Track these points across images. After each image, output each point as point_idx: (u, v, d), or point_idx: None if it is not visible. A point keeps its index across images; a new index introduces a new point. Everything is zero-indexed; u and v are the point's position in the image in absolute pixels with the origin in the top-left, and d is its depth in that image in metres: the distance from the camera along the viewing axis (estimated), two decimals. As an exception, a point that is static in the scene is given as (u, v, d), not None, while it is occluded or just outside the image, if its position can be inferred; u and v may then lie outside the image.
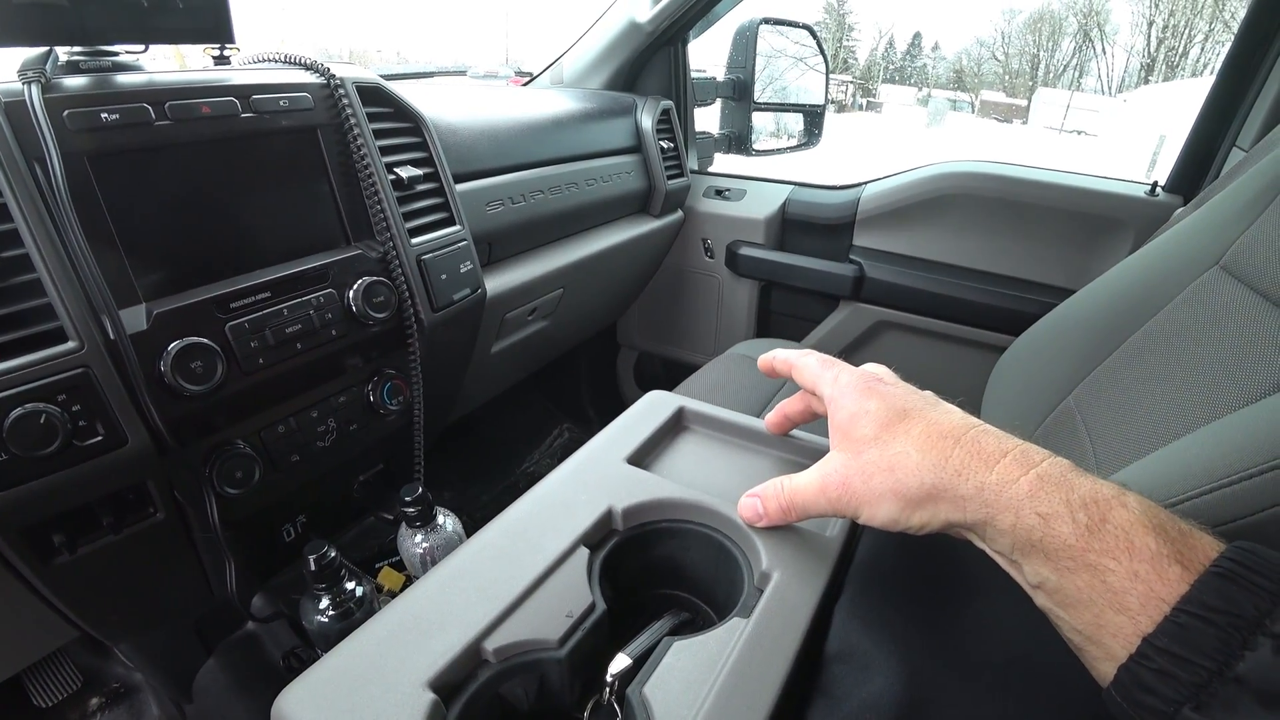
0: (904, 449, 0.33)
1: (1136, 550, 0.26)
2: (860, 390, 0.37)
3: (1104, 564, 0.26)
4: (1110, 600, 0.26)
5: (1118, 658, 0.26)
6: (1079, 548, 0.27)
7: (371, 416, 0.75)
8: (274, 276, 0.62)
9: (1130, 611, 0.26)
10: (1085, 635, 0.27)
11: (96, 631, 0.64)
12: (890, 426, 0.34)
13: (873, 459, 0.34)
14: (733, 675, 0.33)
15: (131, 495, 0.58)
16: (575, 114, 1.13)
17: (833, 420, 0.37)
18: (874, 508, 0.33)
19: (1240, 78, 1.02)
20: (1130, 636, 0.25)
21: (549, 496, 0.45)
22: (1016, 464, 0.30)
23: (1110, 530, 0.27)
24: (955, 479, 0.31)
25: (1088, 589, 0.27)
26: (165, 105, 0.56)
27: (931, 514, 0.32)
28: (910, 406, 0.35)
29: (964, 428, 0.33)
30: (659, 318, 1.60)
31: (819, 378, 0.40)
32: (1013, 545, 0.29)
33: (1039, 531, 0.28)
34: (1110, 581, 0.26)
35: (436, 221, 0.78)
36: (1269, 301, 0.62)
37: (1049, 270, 1.18)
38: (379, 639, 0.36)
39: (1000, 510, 0.29)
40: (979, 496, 0.30)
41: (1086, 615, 0.27)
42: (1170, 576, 0.25)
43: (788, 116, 1.66)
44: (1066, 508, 0.28)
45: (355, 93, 0.70)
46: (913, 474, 0.32)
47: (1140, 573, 0.26)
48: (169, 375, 0.54)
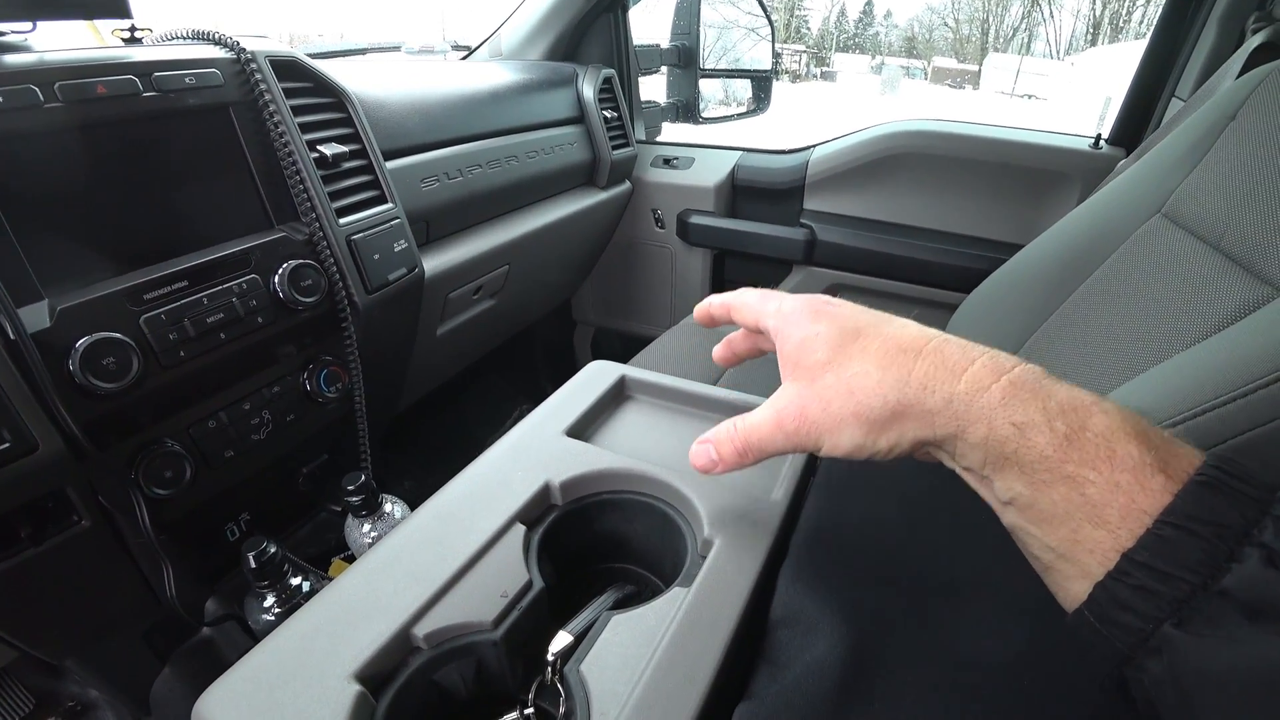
0: (862, 368, 0.30)
1: (1118, 459, 0.24)
2: (807, 315, 0.34)
3: (1083, 475, 0.24)
4: (1088, 513, 0.24)
5: (1093, 575, 0.24)
6: (1056, 458, 0.25)
7: (309, 405, 0.72)
8: (191, 264, 0.59)
9: (1109, 525, 0.24)
10: (1058, 552, 0.26)
11: (36, 650, 0.61)
12: (844, 347, 0.31)
13: (829, 383, 0.31)
14: (672, 647, 0.32)
15: (51, 504, 0.55)
16: (512, 86, 1.09)
17: (781, 352, 0.34)
18: (836, 435, 0.31)
19: (1177, 28, 1.04)
20: (1108, 551, 0.24)
21: (483, 475, 0.44)
22: (986, 371, 0.28)
23: (1089, 438, 0.25)
24: (921, 393, 0.28)
25: (1064, 502, 0.25)
26: (55, 86, 0.52)
27: (899, 434, 0.29)
28: (863, 324, 0.32)
29: (924, 339, 0.30)
30: (613, 292, 1.58)
31: (760, 312, 0.37)
32: (985, 459, 0.27)
33: (1014, 443, 0.26)
34: (1089, 494, 0.24)
35: (366, 200, 0.75)
36: (1208, 245, 0.63)
37: (998, 226, 1.19)
38: (302, 633, 0.34)
39: (971, 422, 0.27)
40: (948, 409, 0.28)
41: (1062, 531, 0.25)
42: (1153, 486, 0.23)
43: (736, 83, 1.64)
44: (1043, 415, 0.26)
45: (269, 67, 0.66)
46: (874, 393, 0.29)
47: (1121, 483, 0.24)
48: (79, 374, 0.51)
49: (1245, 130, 0.67)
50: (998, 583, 0.35)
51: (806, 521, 0.41)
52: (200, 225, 0.62)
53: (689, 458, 0.37)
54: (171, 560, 0.62)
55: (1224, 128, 0.69)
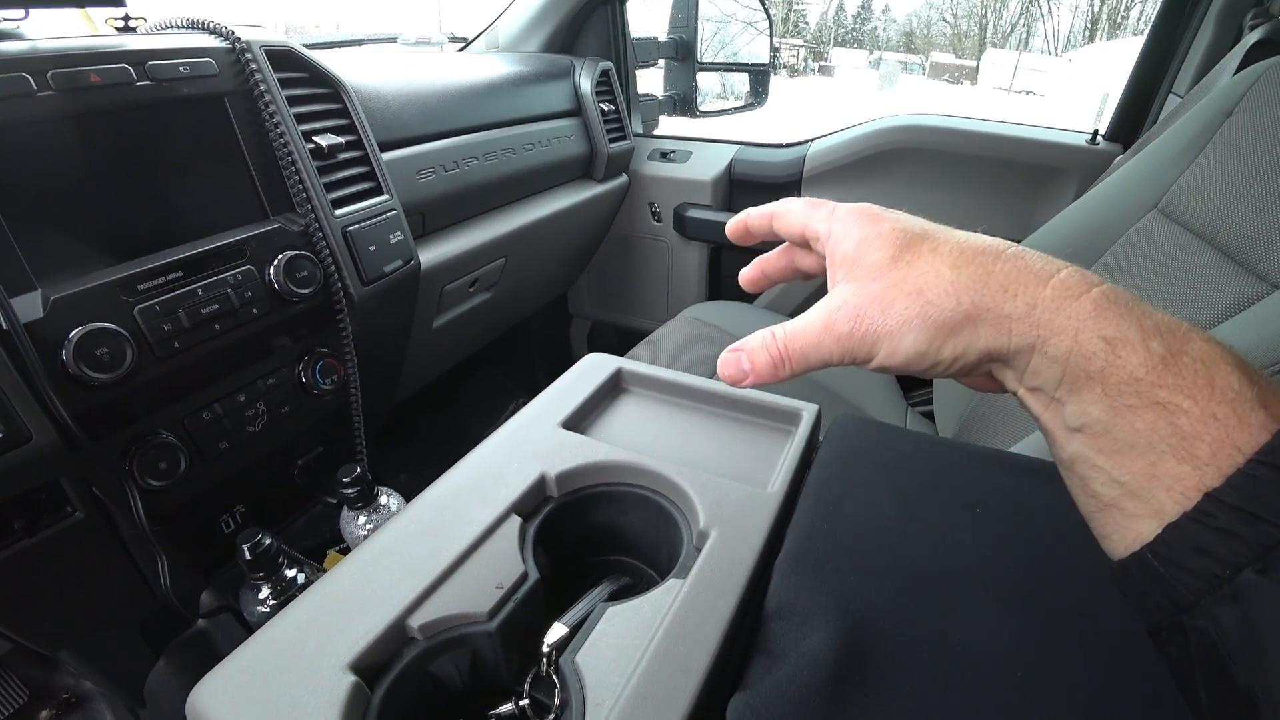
0: (933, 266, 0.27)
1: (1218, 388, 0.22)
2: (864, 217, 0.30)
3: (1176, 402, 0.22)
4: (1175, 445, 0.22)
5: (1165, 514, 0.22)
6: (1149, 381, 0.22)
7: (305, 397, 0.72)
8: (185, 255, 0.59)
9: (1197, 460, 0.21)
10: (1127, 488, 0.23)
11: (29, 642, 0.61)
12: (911, 245, 0.28)
13: (893, 281, 0.27)
14: (667, 639, 0.32)
15: (44, 495, 0.54)
16: (509, 78, 1.09)
17: (834, 256, 0.30)
18: (896, 340, 0.27)
19: (1175, 26, 1.04)
20: (1189, 490, 0.22)
21: (479, 466, 0.43)
22: (1076, 279, 0.25)
23: (1188, 363, 0.22)
24: (1000, 295, 0.25)
25: (1148, 431, 0.22)
26: (48, 74, 0.52)
27: (968, 342, 0.26)
28: (930, 227, 0.29)
29: (1003, 244, 0.27)
30: (610, 285, 1.58)
31: (809, 217, 0.33)
32: (1062, 377, 0.24)
33: (1101, 359, 0.23)
34: (1180, 423, 0.22)
35: (362, 191, 0.74)
36: (1204, 241, 0.63)
37: (996, 221, 1.19)
38: (298, 623, 0.34)
39: (1055, 331, 0.24)
40: (1029, 316, 0.25)
41: (1138, 464, 0.23)
42: (1252, 423, 0.21)
43: (734, 77, 1.63)
44: (1139, 332, 0.23)
45: (264, 57, 0.66)
46: (947, 293, 0.26)
47: (1219, 415, 0.21)
48: (73, 365, 0.51)
49: (1242, 126, 0.67)
50: (994, 574, 0.35)
51: (802, 513, 0.41)
52: (195, 216, 0.62)
53: (718, 368, 0.32)
54: (166, 552, 0.62)
55: (1221, 124, 0.69)
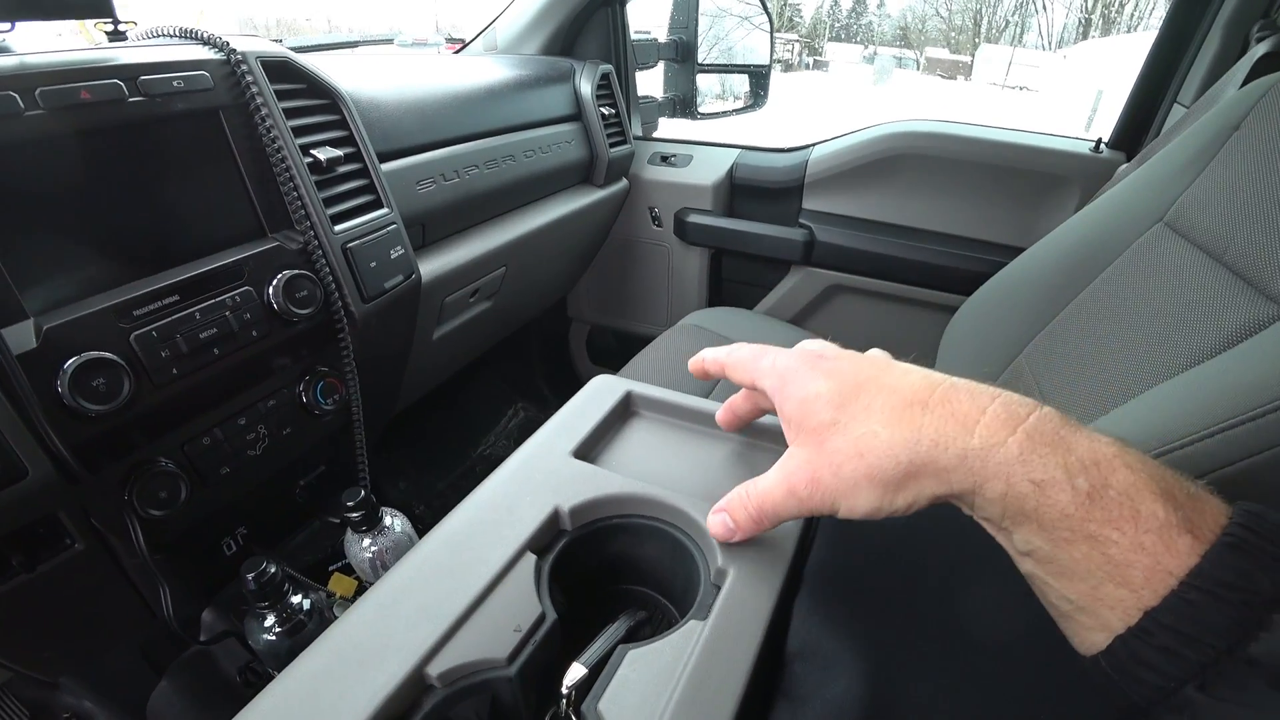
0: (869, 428, 0.29)
1: (1142, 519, 0.23)
2: (804, 372, 0.33)
3: (1105, 534, 0.24)
4: (1110, 573, 0.24)
5: (1112, 629, 0.24)
6: (1079, 517, 0.24)
7: (306, 418, 0.71)
8: (182, 278, 0.57)
9: (1133, 585, 0.23)
10: (1077, 605, 0.25)
11: (31, 671, 0.60)
12: (845, 406, 0.30)
13: (838, 446, 0.30)
14: (690, 684, 0.32)
15: (42, 529, 0.53)
16: (509, 82, 1.07)
17: (783, 414, 0.34)
18: (851, 499, 0.30)
19: (1181, 35, 1.03)
20: (1130, 609, 0.23)
21: (491, 500, 0.43)
22: (999, 422, 0.27)
23: (1113, 496, 0.24)
24: (933, 450, 0.27)
25: (1085, 560, 0.24)
26: (36, 92, 0.50)
27: (916, 493, 0.29)
28: (863, 377, 0.31)
29: (929, 389, 0.29)
30: (609, 290, 1.57)
31: (755, 371, 0.36)
32: (1003, 513, 0.27)
33: (1033, 500, 0.25)
34: (1111, 553, 0.24)
35: (361, 205, 0.73)
36: (1210, 257, 0.63)
37: (997, 229, 1.19)
38: (314, 674, 0.33)
39: (988, 478, 0.26)
40: (962, 465, 0.27)
41: (1081, 586, 0.25)
42: (1179, 548, 0.23)
43: (733, 78, 1.62)
44: (1064, 472, 0.25)
45: (260, 68, 0.64)
46: (885, 454, 0.28)
47: (1146, 544, 0.23)
48: (68, 396, 0.49)
49: (1249, 141, 0.66)
50: (1020, 610, 0.35)
51: (819, 549, 0.41)
52: (191, 235, 0.60)
53: (709, 528, 0.37)
54: (168, 580, 0.61)
55: (1228, 137, 0.69)
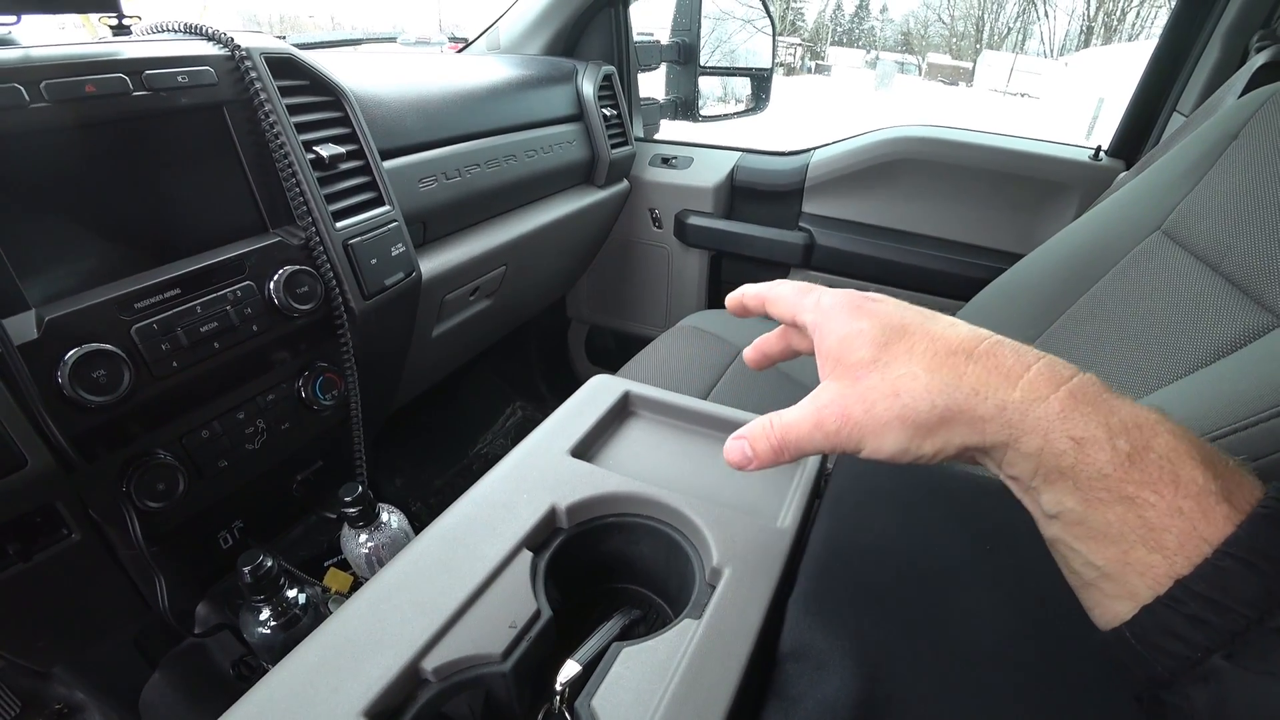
0: (909, 369, 0.29)
1: (1182, 483, 0.23)
2: (848, 310, 0.32)
3: (1143, 497, 0.23)
4: (1144, 536, 0.23)
5: (1139, 597, 0.24)
6: (1116, 477, 0.24)
7: (304, 413, 0.71)
8: (183, 271, 0.57)
9: (1166, 550, 0.23)
10: (1103, 571, 0.25)
11: (23, 660, 0.60)
12: (889, 346, 0.30)
13: (873, 384, 0.30)
14: (684, 683, 0.32)
15: (39, 518, 0.53)
16: (512, 82, 1.08)
17: (821, 349, 0.33)
18: (879, 438, 0.29)
19: (1180, 44, 1.04)
20: (1161, 576, 0.23)
21: (489, 497, 0.43)
22: (1044, 379, 0.26)
23: (1153, 459, 0.24)
24: (972, 398, 0.27)
25: (1119, 523, 0.24)
26: (41, 85, 0.50)
27: (946, 439, 0.28)
28: (909, 322, 0.31)
29: (975, 340, 0.29)
30: (609, 291, 1.57)
31: (798, 306, 0.35)
32: (1035, 471, 0.26)
33: (1070, 457, 0.25)
34: (1148, 516, 0.23)
35: (363, 202, 0.73)
36: (1207, 265, 0.63)
37: (996, 234, 1.19)
38: (309, 666, 0.33)
39: (1026, 431, 0.26)
40: (1000, 417, 0.26)
41: (1111, 550, 0.24)
42: (1216, 516, 0.23)
43: (735, 80, 1.63)
44: (1105, 431, 0.24)
45: (264, 65, 0.65)
46: (922, 397, 0.28)
47: (1184, 509, 0.23)
48: (68, 387, 0.49)
49: (1247, 151, 0.66)
50: (1011, 614, 0.35)
51: (814, 549, 0.41)
52: (193, 229, 0.61)
53: (724, 453, 0.35)
54: (164, 572, 0.61)
55: (1226, 147, 0.69)
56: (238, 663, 0.79)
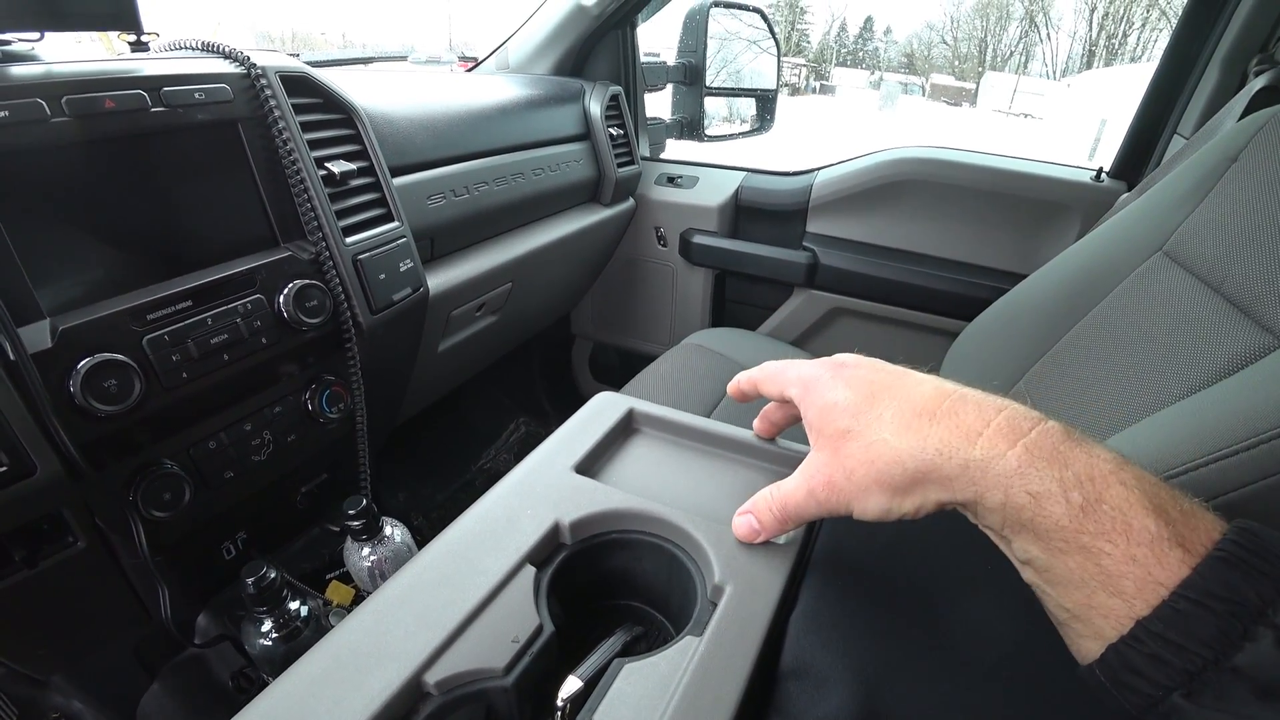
0: (880, 436, 0.31)
1: (1134, 533, 0.24)
2: (826, 381, 0.36)
3: (1098, 546, 0.25)
4: (1103, 583, 0.25)
5: (1106, 637, 0.25)
6: (1072, 529, 0.25)
7: (310, 426, 0.71)
8: (195, 284, 0.58)
9: (1125, 595, 0.24)
10: (1073, 613, 0.26)
11: (23, 667, 0.60)
12: (861, 415, 0.33)
13: (851, 452, 0.32)
14: (685, 700, 0.32)
15: (46, 526, 0.54)
16: (520, 101, 1.09)
17: (806, 420, 0.36)
18: (863, 502, 0.32)
19: (1180, 68, 1.05)
20: (1123, 618, 0.24)
21: (492, 512, 0.43)
22: (1001, 436, 0.28)
23: (1106, 511, 0.25)
24: (937, 459, 0.29)
25: (1079, 570, 0.25)
26: (62, 100, 0.52)
27: (922, 498, 0.30)
28: (878, 387, 0.33)
29: (939, 399, 0.31)
30: (613, 308, 1.58)
31: (783, 382, 0.39)
32: (1003, 523, 0.28)
33: (1029, 511, 0.26)
34: (1105, 564, 0.25)
35: (373, 218, 0.74)
36: (1209, 287, 0.63)
37: (1000, 255, 1.20)
38: (311, 678, 0.33)
39: (988, 488, 0.28)
40: (964, 475, 0.28)
41: (1076, 595, 0.26)
42: (1170, 561, 0.24)
43: (740, 101, 1.64)
44: (1059, 486, 0.26)
45: (279, 83, 0.66)
46: (894, 462, 0.30)
47: (1138, 556, 0.24)
48: (79, 396, 0.50)
49: (1247, 173, 0.67)
50: (1014, 629, 0.35)
51: (816, 567, 0.41)
52: (205, 242, 0.62)
53: (734, 531, 0.39)
54: (167, 581, 0.61)
55: (1226, 169, 0.70)
56: (237, 675, 0.79)
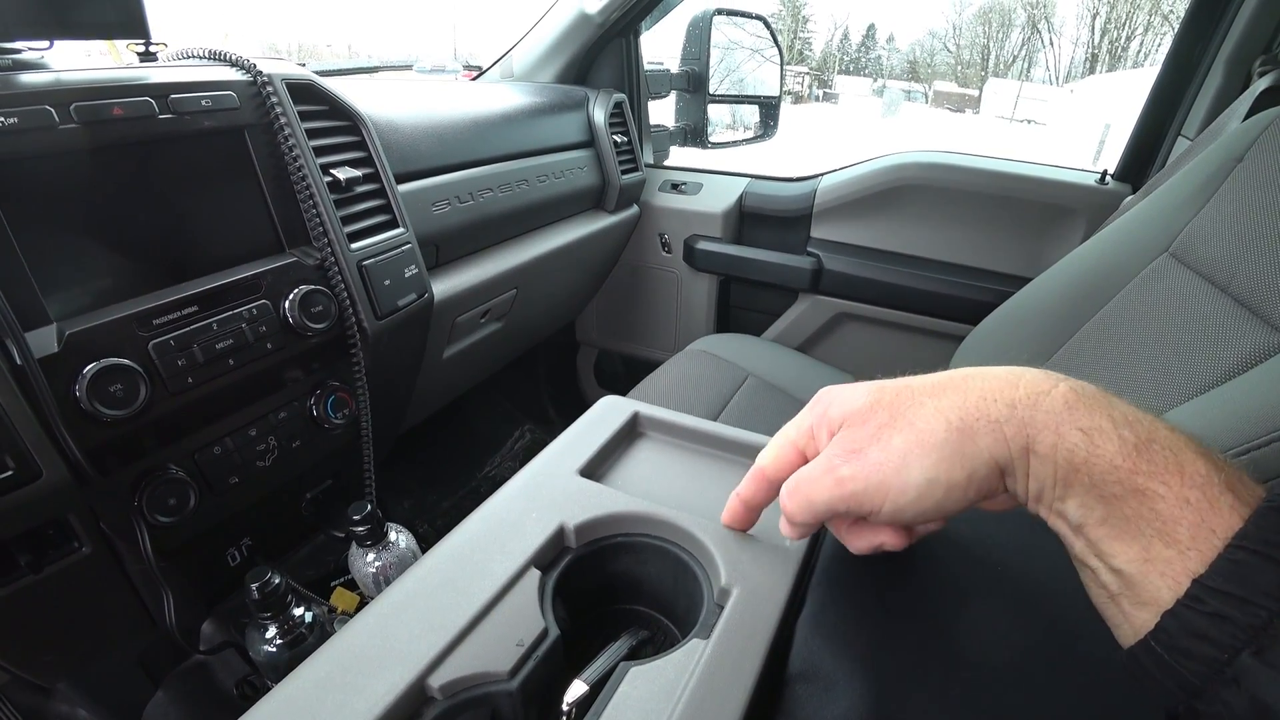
0: (914, 401, 0.28)
1: (1187, 473, 0.23)
2: (842, 397, 0.32)
3: (1153, 488, 0.23)
4: (1159, 530, 0.23)
5: (1162, 602, 0.23)
6: (1126, 468, 0.24)
7: (315, 431, 0.71)
8: (201, 289, 0.58)
9: (1179, 544, 0.23)
10: (1126, 576, 0.24)
11: (28, 674, 0.60)
12: (887, 395, 0.30)
13: (881, 421, 0.29)
14: (691, 703, 0.32)
15: (51, 530, 0.54)
16: (524, 109, 1.10)
17: (826, 428, 0.32)
18: (903, 476, 0.27)
19: (1184, 69, 1.05)
20: (1179, 575, 0.23)
21: (497, 515, 0.43)
22: (1041, 377, 0.27)
23: (1158, 450, 0.24)
24: (981, 403, 0.27)
25: (1135, 518, 0.24)
26: (71, 107, 0.52)
27: (974, 457, 0.27)
28: (901, 384, 0.30)
29: (962, 374, 0.29)
30: (618, 315, 1.58)
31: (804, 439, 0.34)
32: (1054, 473, 0.26)
33: (1083, 451, 0.25)
34: (1159, 509, 0.23)
35: (378, 225, 0.74)
36: (1215, 287, 0.63)
37: (1004, 259, 1.20)
38: (315, 681, 0.33)
39: (1039, 428, 0.26)
40: (1013, 415, 0.26)
41: (1133, 549, 0.24)
42: (1222, 505, 0.23)
43: (743, 108, 1.65)
44: (1110, 422, 0.25)
45: (285, 90, 0.66)
46: (935, 417, 0.27)
47: (1191, 499, 0.23)
48: (86, 401, 0.50)
49: (1253, 173, 0.67)
50: (1024, 631, 0.35)
51: (822, 569, 0.41)
52: (211, 248, 0.62)
53: (779, 529, 0.36)
54: (172, 588, 0.61)
55: (1231, 169, 0.70)
56: (241, 682, 0.79)
